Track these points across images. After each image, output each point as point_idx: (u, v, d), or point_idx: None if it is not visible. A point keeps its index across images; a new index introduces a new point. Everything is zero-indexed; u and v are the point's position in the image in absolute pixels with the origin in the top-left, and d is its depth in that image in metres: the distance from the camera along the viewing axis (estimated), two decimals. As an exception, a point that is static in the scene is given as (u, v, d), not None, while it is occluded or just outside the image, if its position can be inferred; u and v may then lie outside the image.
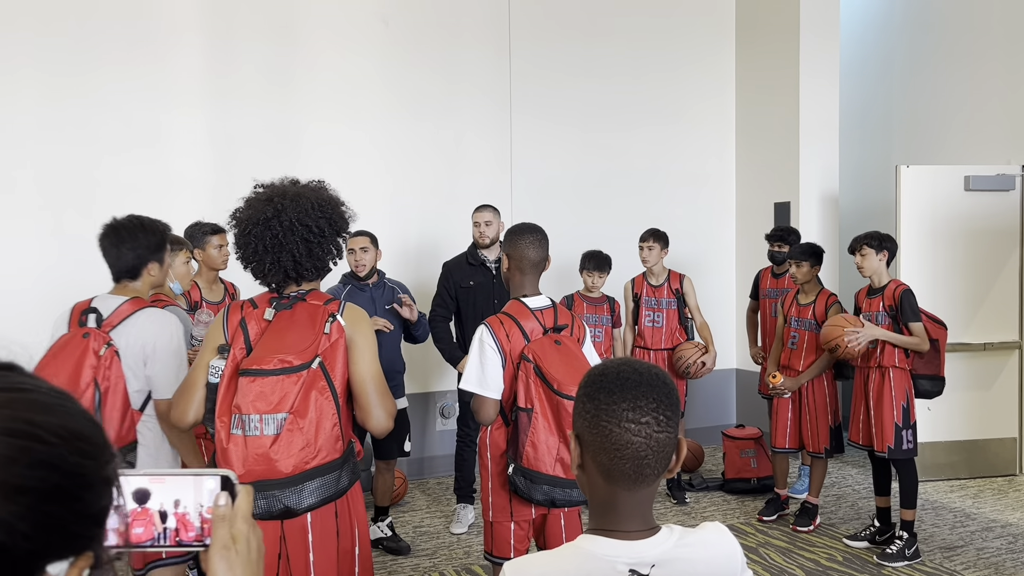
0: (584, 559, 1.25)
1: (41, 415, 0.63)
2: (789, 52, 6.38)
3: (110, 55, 5.14)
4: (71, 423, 0.65)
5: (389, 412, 2.32)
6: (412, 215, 5.89)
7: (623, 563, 1.24)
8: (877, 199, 6.82)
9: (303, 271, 2.36)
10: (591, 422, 1.25)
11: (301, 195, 2.37)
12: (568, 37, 6.38)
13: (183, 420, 2.32)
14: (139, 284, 2.83)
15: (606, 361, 1.34)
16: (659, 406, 1.24)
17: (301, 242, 2.32)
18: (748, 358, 6.08)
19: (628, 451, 1.22)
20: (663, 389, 1.26)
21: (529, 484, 2.68)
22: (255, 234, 2.33)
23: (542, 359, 2.68)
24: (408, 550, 4.54)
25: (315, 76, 5.66)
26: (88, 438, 0.66)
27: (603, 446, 1.24)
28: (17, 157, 4.97)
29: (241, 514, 0.89)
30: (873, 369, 4.46)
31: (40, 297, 5.01)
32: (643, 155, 6.62)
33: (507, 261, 2.89)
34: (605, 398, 1.25)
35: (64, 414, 0.65)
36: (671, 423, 1.25)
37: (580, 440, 1.28)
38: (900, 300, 4.36)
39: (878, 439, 4.40)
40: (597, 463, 1.25)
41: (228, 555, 0.87)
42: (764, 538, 4.69)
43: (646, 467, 1.24)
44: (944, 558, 4.37)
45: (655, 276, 5.37)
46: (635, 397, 1.23)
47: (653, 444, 1.23)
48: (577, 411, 1.30)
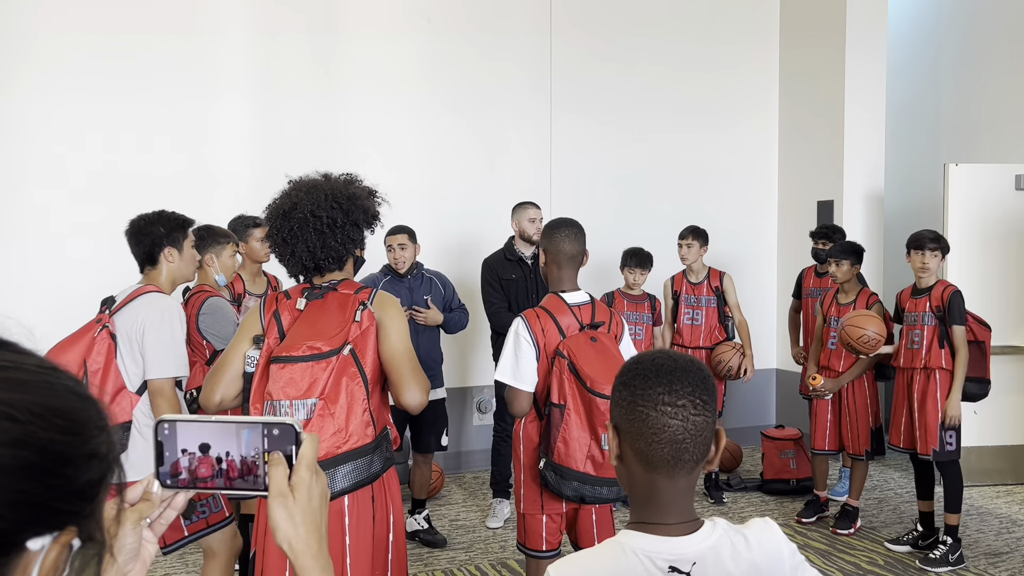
0: (624, 556, 1.24)
1: (16, 393, 0.63)
2: (835, 47, 6.28)
3: (155, 49, 5.25)
4: (50, 400, 0.65)
5: (423, 387, 2.35)
6: (452, 208, 5.92)
7: (663, 560, 1.22)
8: (924, 198, 6.69)
9: (320, 262, 2.42)
10: (628, 409, 1.26)
11: (316, 187, 2.42)
12: (609, 31, 6.35)
13: (209, 400, 2.39)
14: (161, 271, 2.96)
15: (640, 354, 1.34)
16: (695, 390, 1.25)
17: (314, 233, 2.37)
18: (789, 358, 6.01)
19: (665, 434, 1.23)
20: (698, 374, 1.27)
21: (559, 480, 2.69)
22: (276, 226, 2.42)
23: (577, 356, 2.69)
24: (444, 543, 4.57)
25: (357, 70, 5.72)
26: (67, 413, 0.66)
27: (640, 431, 1.24)
28: (63, 151, 5.10)
29: (305, 462, 0.88)
30: (918, 371, 4.38)
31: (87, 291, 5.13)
32: (684, 151, 6.57)
33: (544, 256, 2.91)
34: (641, 383, 1.25)
35: (44, 391, 0.65)
36: (708, 407, 1.25)
37: (618, 430, 1.29)
38: (949, 302, 4.28)
39: (922, 442, 4.32)
40: (635, 450, 1.26)
41: (286, 502, 0.87)
42: (803, 540, 4.63)
43: (684, 451, 1.24)
44: (989, 564, 4.28)
45: (694, 274, 5.33)
46: (671, 381, 1.24)
47: (690, 427, 1.23)
48: (614, 401, 1.30)
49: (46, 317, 5.03)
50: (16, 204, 5.02)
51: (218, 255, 3.66)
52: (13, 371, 0.65)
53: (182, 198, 5.27)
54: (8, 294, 5.01)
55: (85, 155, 5.13)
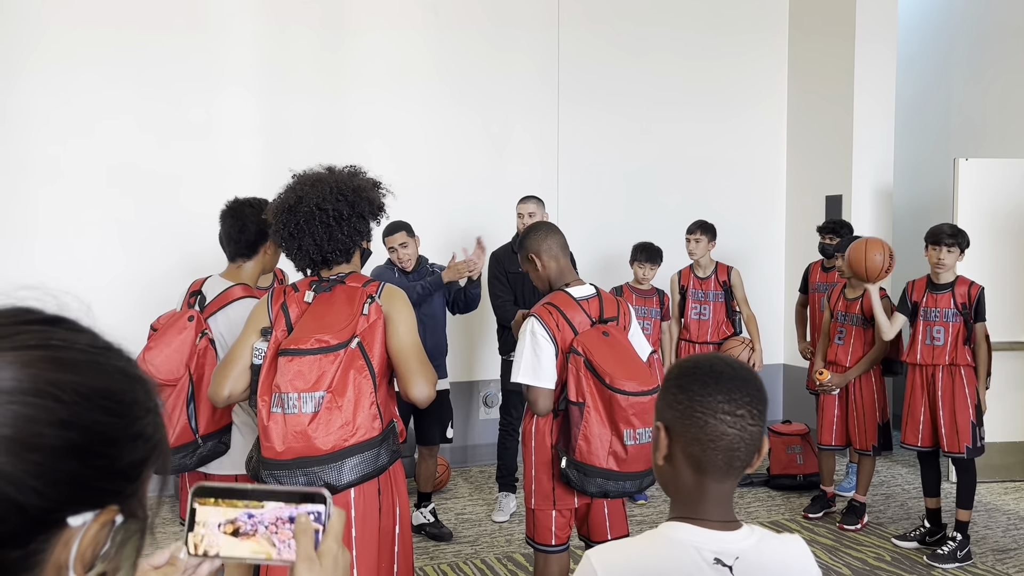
0: (670, 545, 1.27)
1: (64, 373, 0.64)
2: (844, 40, 6.24)
3: (163, 43, 5.24)
4: (98, 381, 0.66)
5: (430, 380, 2.35)
6: (458, 201, 5.91)
7: (708, 551, 1.25)
8: (933, 193, 6.65)
9: (327, 255, 2.41)
10: (684, 413, 1.27)
11: (321, 180, 2.42)
12: (617, 24, 6.32)
13: (217, 395, 2.38)
14: (252, 265, 2.87)
15: (694, 356, 1.36)
16: (752, 400, 1.26)
17: (320, 227, 2.37)
18: (796, 353, 5.99)
19: (722, 442, 1.25)
20: (755, 383, 1.29)
21: (583, 477, 2.69)
22: (282, 221, 2.41)
23: (592, 352, 2.68)
24: (450, 536, 4.57)
25: (364, 62, 5.70)
26: (114, 395, 0.67)
27: (696, 437, 1.26)
28: (69, 145, 5.10)
29: (333, 533, 0.89)
30: (940, 368, 4.34)
31: (95, 282, 5.14)
32: (691, 145, 6.54)
33: (538, 260, 2.89)
34: (700, 390, 1.26)
35: (92, 371, 0.66)
36: (762, 417, 1.27)
37: (669, 431, 1.29)
38: (978, 300, 4.28)
39: (951, 440, 4.27)
40: (687, 454, 1.27)
41: (312, 567, 0.88)
42: (810, 536, 4.62)
43: (736, 459, 1.26)
44: (996, 560, 4.27)
45: (702, 268, 5.31)
46: (730, 390, 1.25)
47: (746, 436, 1.26)
48: (666, 402, 1.30)
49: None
50: (22, 199, 5.03)
51: None
52: (64, 351, 0.66)
53: (188, 192, 5.29)
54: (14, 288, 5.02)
55: (91, 149, 5.13)
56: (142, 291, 5.12)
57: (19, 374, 0.62)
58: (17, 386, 0.62)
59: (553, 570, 2.88)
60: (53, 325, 0.68)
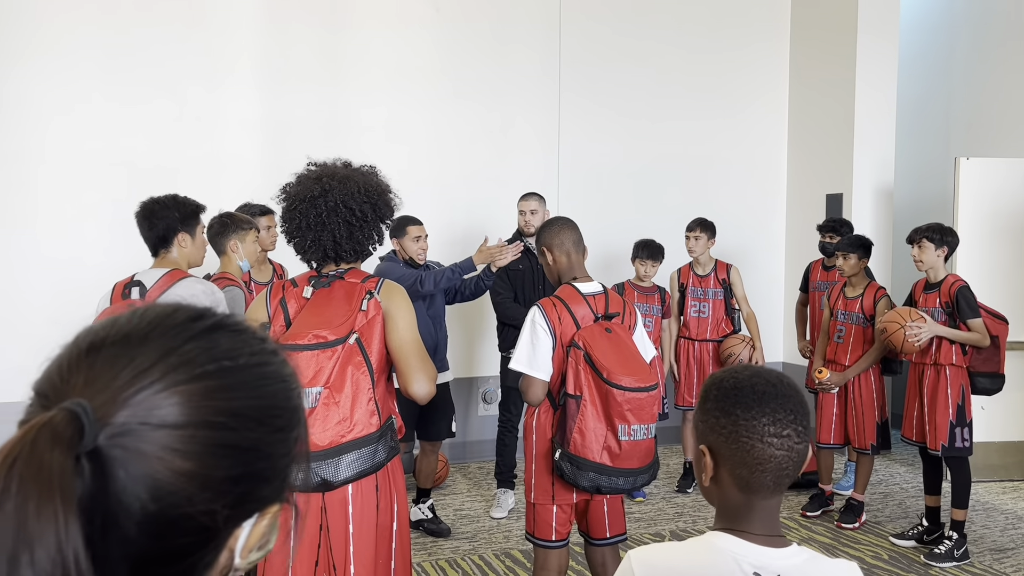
0: (711, 552, 1.26)
1: (232, 400, 0.65)
2: (846, 39, 6.23)
3: (165, 39, 5.23)
4: (265, 400, 0.67)
5: (430, 377, 2.35)
6: (459, 198, 5.90)
7: (749, 564, 1.24)
8: (934, 192, 6.65)
9: (342, 252, 2.41)
10: (729, 437, 1.25)
11: (349, 178, 2.40)
12: (619, 20, 6.31)
13: None
14: (174, 255, 2.93)
15: (732, 371, 1.32)
16: (796, 417, 1.25)
17: (343, 224, 2.36)
18: (795, 351, 5.99)
19: (771, 464, 1.24)
20: (797, 398, 1.27)
21: (575, 470, 2.69)
22: (300, 211, 2.38)
23: (592, 346, 2.69)
24: (448, 532, 4.57)
25: (365, 58, 5.69)
26: (279, 409, 0.69)
27: (744, 461, 1.24)
28: (72, 139, 5.10)
29: None
30: (928, 366, 4.35)
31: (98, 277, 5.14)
32: (692, 142, 6.54)
33: (549, 254, 2.91)
34: (743, 413, 1.24)
35: (259, 389, 0.67)
36: (806, 432, 1.27)
37: (714, 454, 1.28)
38: (956, 297, 4.24)
39: (931, 437, 4.30)
40: (735, 476, 1.26)
41: None
42: (808, 534, 4.62)
43: (785, 477, 1.26)
44: (994, 560, 4.27)
45: (701, 266, 5.31)
46: (774, 411, 1.24)
47: (794, 456, 1.25)
48: (708, 426, 1.28)
49: (58, 305, 5.04)
50: (25, 192, 5.02)
51: (241, 241, 3.66)
52: (228, 374, 0.65)
53: (189, 185, 5.27)
54: (18, 281, 5.02)
55: (94, 143, 5.12)
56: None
57: (188, 407, 0.62)
58: (189, 420, 0.62)
59: (552, 566, 2.88)
60: (215, 332, 0.68)
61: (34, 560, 0.54)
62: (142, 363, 0.62)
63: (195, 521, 0.62)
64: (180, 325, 0.66)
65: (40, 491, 0.55)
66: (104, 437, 0.60)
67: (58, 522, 0.55)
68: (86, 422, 0.59)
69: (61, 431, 0.58)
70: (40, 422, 0.58)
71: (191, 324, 0.67)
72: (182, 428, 0.62)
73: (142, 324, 0.66)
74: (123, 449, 0.60)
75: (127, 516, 0.59)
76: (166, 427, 0.61)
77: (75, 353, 0.64)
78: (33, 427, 0.58)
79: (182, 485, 0.61)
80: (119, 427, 0.60)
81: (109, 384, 0.61)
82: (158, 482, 0.60)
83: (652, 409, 2.70)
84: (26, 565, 0.53)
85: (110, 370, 0.62)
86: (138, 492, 0.60)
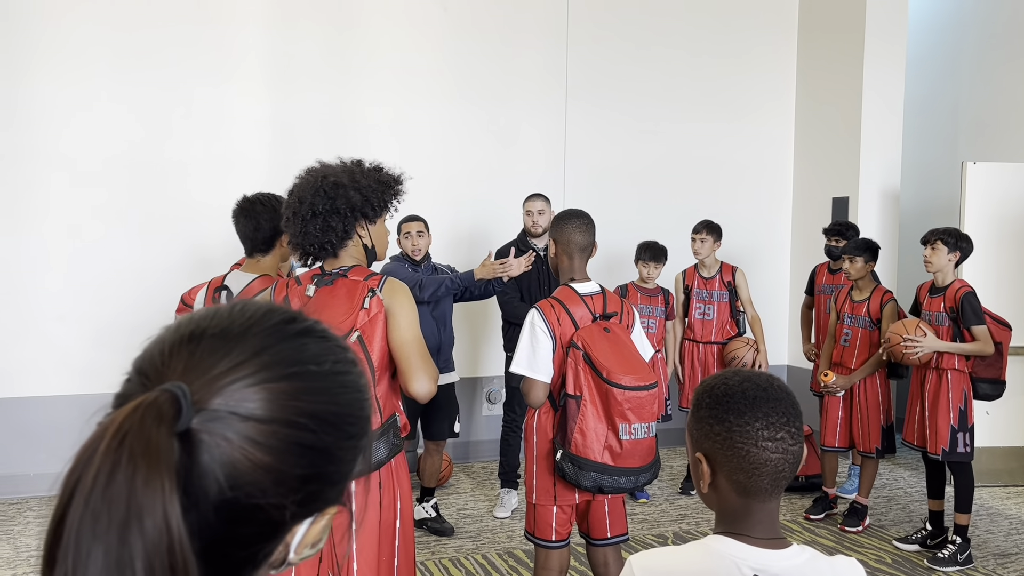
0: (711, 556, 1.27)
1: (312, 403, 0.67)
2: (854, 42, 6.22)
3: (174, 38, 5.25)
4: (342, 408, 0.70)
5: (431, 376, 2.35)
6: (465, 200, 5.91)
7: (750, 567, 1.25)
8: (940, 196, 6.63)
9: (307, 247, 2.42)
10: (724, 444, 1.26)
11: (309, 173, 2.43)
12: (626, 23, 6.32)
13: None
14: (269, 258, 2.92)
15: (722, 377, 1.32)
16: (789, 420, 1.26)
17: (300, 219, 2.38)
18: (800, 355, 5.99)
19: (767, 468, 1.25)
20: (788, 400, 1.28)
21: (577, 471, 2.69)
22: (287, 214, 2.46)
23: (591, 346, 2.69)
24: (452, 532, 4.58)
25: (373, 60, 5.71)
26: (354, 418, 0.71)
27: (740, 466, 1.25)
28: (82, 138, 5.12)
29: None
30: (931, 370, 4.35)
31: (102, 271, 5.17)
32: (699, 145, 6.54)
33: (555, 246, 2.93)
34: (736, 419, 1.25)
35: (337, 396, 0.70)
36: (800, 434, 1.27)
37: (710, 461, 1.29)
38: (961, 303, 4.23)
39: (932, 441, 4.30)
40: (733, 481, 1.27)
41: None
42: (811, 537, 4.62)
43: (782, 479, 1.27)
44: (997, 564, 4.26)
45: (707, 268, 5.31)
46: (766, 415, 1.25)
47: (789, 458, 1.26)
48: (703, 433, 1.29)
49: (67, 302, 5.07)
50: (35, 191, 5.05)
51: None
52: (313, 378, 0.69)
53: (197, 186, 5.31)
54: (27, 280, 5.05)
55: (103, 142, 5.15)
56: (147, 280, 5.16)
57: (274, 404, 0.65)
58: (273, 416, 0.65)
59: (553, 566, 2.89)
60: (305, 336, 0.71)
61: (143, 529, 0.57)
62: (238, 357, 0.66)
63: (264, 513, 0.65)
64: (275, 326, 0.70)
65: (149, 465, 0.58)
66: (197, 421, 0.63)
67: (164, 495, 0.58)
68: (184, 404, 0.62)
69: (165, 411, 0.61)
70: (146, 400, 0.61)
71: (285, 326, 0.70)
72: (266, 423, 0.65)
73: (241, 319, 0.69)
74: (210, 434, 0.63)
75: (205, 498, 0.62)
76: (252, 419, 0.64)
77: (177, 339, 0.67)
78: (140, 405, 0.61)
79: (258, 477, 0.64)
80: (211, 413, 0.63)
81: (206, 372, 0.65)
82: (237, 470, 0.63)
83: (652, 408, 2.71)
84: (136, 534, 0.57)
85: (208, 359, 0.66)
86: (218, 476, 0.63)
